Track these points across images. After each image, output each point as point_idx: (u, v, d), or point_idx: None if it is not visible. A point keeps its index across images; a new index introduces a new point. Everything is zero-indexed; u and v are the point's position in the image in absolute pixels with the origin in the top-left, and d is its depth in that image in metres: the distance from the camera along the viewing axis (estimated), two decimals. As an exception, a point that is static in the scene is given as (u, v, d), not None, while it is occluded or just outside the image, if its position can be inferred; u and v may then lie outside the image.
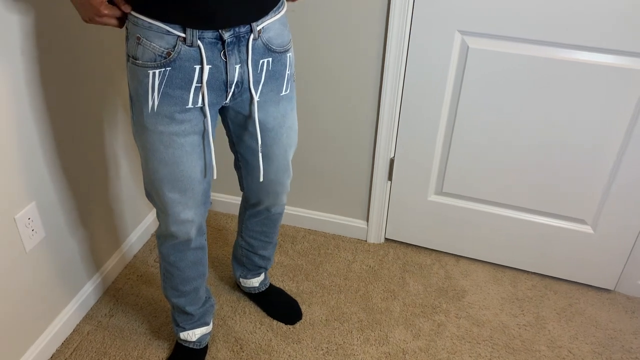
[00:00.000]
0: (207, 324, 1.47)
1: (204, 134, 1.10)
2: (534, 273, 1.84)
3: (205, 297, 1.44)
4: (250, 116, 1.16)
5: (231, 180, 2.00)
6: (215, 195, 2.07)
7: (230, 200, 2.05)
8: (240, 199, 2.03)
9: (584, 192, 1.64)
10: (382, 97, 1.65)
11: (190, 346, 1.47)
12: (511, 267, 1.86)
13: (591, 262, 1.74)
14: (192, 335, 1.45)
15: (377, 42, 1.58)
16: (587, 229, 1.70)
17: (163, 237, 1.26)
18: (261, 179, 1.23)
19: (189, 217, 1.19)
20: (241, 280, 1.63)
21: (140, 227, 1.88)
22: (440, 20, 1.50)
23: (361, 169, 1.83)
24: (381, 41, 1.58)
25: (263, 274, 1.63)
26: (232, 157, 1.94)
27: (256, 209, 1.42)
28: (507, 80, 1.53)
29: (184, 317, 1.42)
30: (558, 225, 1.72)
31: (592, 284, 1.78)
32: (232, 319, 1.63)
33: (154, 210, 1.96)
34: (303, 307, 1.67)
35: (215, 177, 1.13)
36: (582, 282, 1.79)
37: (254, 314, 1.64)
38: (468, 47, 1.51)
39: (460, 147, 1.68)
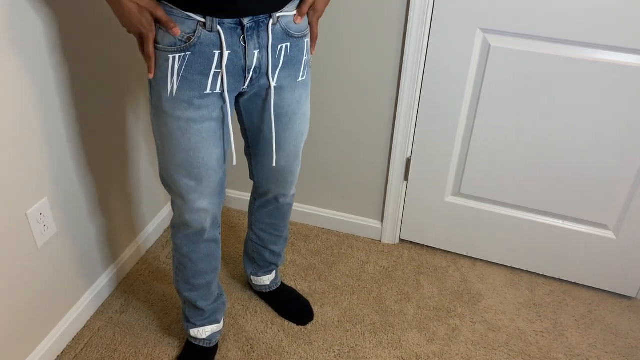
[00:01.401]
0: (217, 321, 1.46)
1: (223, 120, 1.11)
2: (552, 278, 1.80)
3: (217, 294, 1.43)
4: (265, 101, 1.15)
5: (244, 177, 1.98)
6: (229, 192, 2.05)
7: (243, 197, 2.03)
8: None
9: (606, 196, 1.59)
10: (399, 95, 1.61)
11: (200, 344, 1.46)
12: (529, 271, 1.82)
13: (612, 269, 1.69)
14: (202, 332, 1.44)
15: (395, 39, 1.54)
16: (609, 234, 1.65)
17: (177, 226, 1.26)
18: (274, 163, 1.22)
19: (203, 206, 1.19)
20: (252, 278, 1.61)
21: (157, 218, 1.87)
22: (462, 18, 1.46)
23: (377, 168, 1.79)
24: (400, 38, 1.54)
25: (274, 272, 1.61)
26: (244, 155, 1.92)
27: (265, 197, 1.41)
28: (530, 80, 1.48)
29: (194, 313, 1.41)
30: (578, 229, 1.67)
31: (613, 291, 1.73)
32: (244, 318, 1.61)
33: (170, 203, 1.95)
34: (315, 308, 1.65)
35: (234, 163, 1.12)
36: (602, 288, 1.75)
37: (265, 314, 1.62)
38: (490, 45, 1.47)
39: (479, 147, 1.64)
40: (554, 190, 1.63)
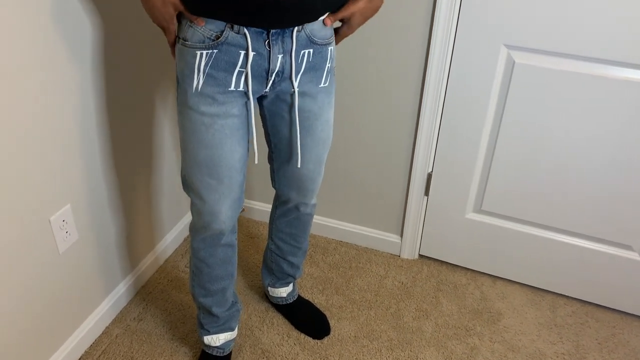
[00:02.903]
0: (232, 329, 1.46)
1: (246, 118, 1.13)
2: (575, 298, 1.76)
3: (232, 301, 1.44)
4: (288, 105, 1.18)
5: (265, 187, 1.99)
6: (249, 203, 2.06)
7: (263, 208, 2.03)
8: (270, 205, 2.01)
9: (631, 217, 1.55)
10: (421, 109, 1.61)
11: (214, 353, 1.46)
12: (550, 291, 1.78)
13: (637, 290, 1.65)
14: (215, 340, 1.44)
15: (419, 53, 1.54)
16: (634, 255, 1.61)
17: (195, 229, 1.28)
18: (298, 165, 1.23)
19: (223, 207, 1.21)
20: (269, 289, 1.61)
21: (177, 227, 1.88)
22: (486, 33, 1.45)
23: (397, 182, 1.78)
24: (423, 52, 1.53)
25: (291, 284, 1.60)
26: (266, 165, 1.93)
27: (286, 206, 1.41)
28: (555, 97, 1.46)
29: (209, 319, 1.42)
30: (602, 250, 1.64)
31: (638, 314, 1.69)
32: (260, 330, 1.60)
33: (189, 213, 1.96)
34: (332, 322, 1.64)
35: (257, 161, 1.14)
36: (626, 311, 1.70)
37: (281, 326, 1.62)
38: (514, 62, 1.46)
39: (501, 164, 1.62)
40: (577, 209, 1.60)
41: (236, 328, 1.48)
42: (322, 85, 1.17)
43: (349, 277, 1.81)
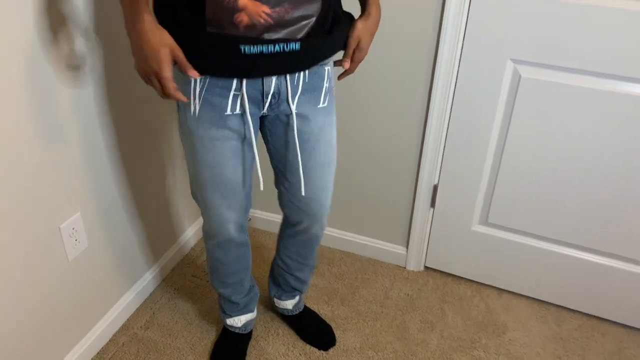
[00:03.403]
0: (251, 311, 1.54)
1: (244, 141, 1.14)
2: (581, 312, 1.75)
3: (250, 286, 1.50)
4: (288, 127, 1.16)
5: (270, 197, 2.00)
6: (254, 212, 2.07)
7: (269, 218, 2.04)
8: (277, 215, 2.03)
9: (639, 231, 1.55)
10: (428, 122, 1.62)
11: (237, 331, 1.55)
12: (556, 304, 1.78)
13: (644, 306, 1.65)
14: (237, 321, 1.53)
15: (425, 66, 1.55)
16: (640, 270, 1.61)
17: (207, 235, 1.33)
18: (302, 192, 1.21)
19: (230, 218, 1.25)
20: (275, 300, 1.62)
21: (184, 236, 1.90)
22: (493, 48, 1.46)
23: (403, 193, 1.79)
24: (430, 65, 1.55)
25: (297, 296, 1.61)
26: (270, 174, 1.94)
27: (294, 228, 1.40)
28: (562, 112, 1.47)
29: (229, 305, 1.50)
30: (609, 264, 1.63)
31: (644, 329, 1.69)
32: (265, 340, 1.61)
33: (196, 222, 1.97)
34: (337, 333, 1.64)
35: (262, 188, 1.13)
36: (633, 325, 1.69)
37: (287, 336, 1.62)
38: (520, 76, 1.47)
39: (508, 177, 1.62)
40: (584, 223, 1.60)
41: (255, 309, 1.56)
42: (320, 105, 1.16)
43: (355, 288, 1.82)
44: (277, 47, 0.99)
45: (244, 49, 0.97)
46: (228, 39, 0.97)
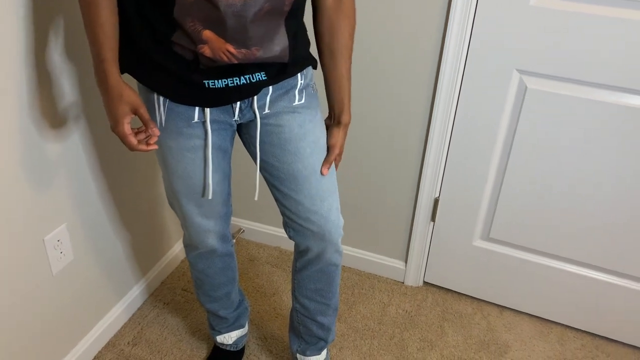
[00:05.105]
0: (242, 326, 1.47)
1: (217, 149, 1.08)
2: (584, 331, 1.70)
3: (239, 300, 1.43)
4: (264, 130, 1.08)
5: (262, 208, 1.94)
6: (247, 224, 2.00)
7: (262, 230, 1.98)
8: (271, 227, 1.98)
9: (645, 249, 1.51)
10: (429, 134, 1.57)
11: (228, 348, 1.49)
12: (559, 323, 1.72)
13: (650, 325, 1.60)
14: (228, 338, 1.46)
15: (428, 76, 1.51)
16: (647, 288, 1.56)
17: (188, 246, 1.28)
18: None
19: (209, 227, 1.19)
20: (299, 357, 1.42)
21: (171, 252, 1.83)
22: (498, 58, 1.42)
23: (403, 206, 1.74)
24: (433, 76, 1.50)
25: (324, 350, 1.41)
26: (263, 185, 1.88)
27: (306, 257, 1.23)
28: (568, 124, 1.43)
29: (218, 321, 1.43)
30: (614, 282, 1.59)
31: (650, 349, 1.64)
32: (258, 358, 1.54)
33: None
34: (333, 351, 1.58)
35: (210, 197, 1.09)
36: (638, 345, 1.65)
37: (281, 354, 1.55)
38: (526, 87, 1.42)
39: (511, 191, 1.58)
40: (589, 240, 1.56)
41: (246, 324, 1.49)
42: (297, 102, 1.07)
43: (352, 304, 1.75)
44: (242, 79, 0.97)
45: (208, 84, 0.96)
46: (192, 72, 0.95)
